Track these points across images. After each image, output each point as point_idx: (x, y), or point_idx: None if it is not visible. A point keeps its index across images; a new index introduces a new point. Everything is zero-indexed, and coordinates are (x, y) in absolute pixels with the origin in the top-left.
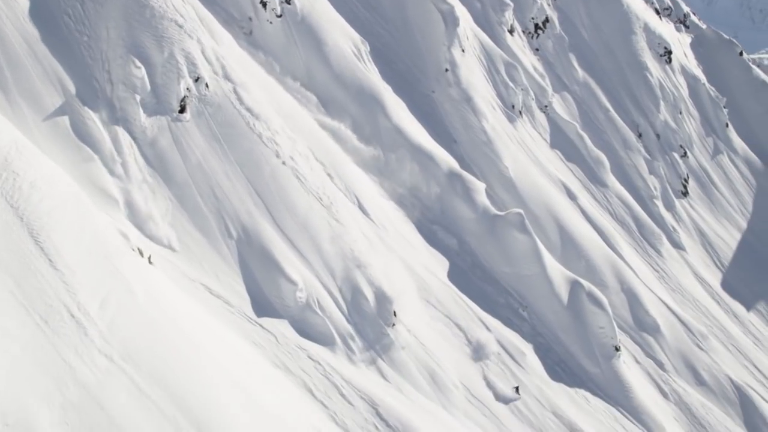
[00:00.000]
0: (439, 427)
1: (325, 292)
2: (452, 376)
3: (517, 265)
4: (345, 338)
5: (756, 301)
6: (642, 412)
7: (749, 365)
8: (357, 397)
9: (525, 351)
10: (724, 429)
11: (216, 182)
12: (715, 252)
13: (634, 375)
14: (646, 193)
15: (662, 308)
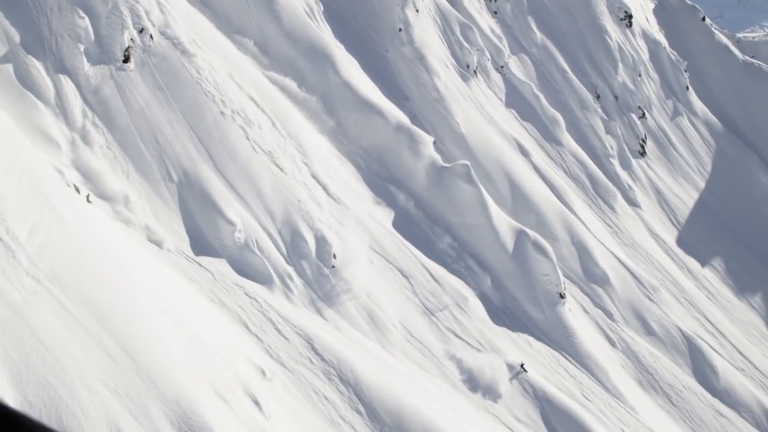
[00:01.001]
0: (376, 363)
1: (264, 234)
2: (392, 317)
3: (463, 215)
4: (283, 278)
5: (712, 257)
6: (586, 357)
7: (701, 317)
8: (293, 333)
9: (468, 296)
10: (671, 377)
11: (158, 128)
12: (672, 210)
13: (580, 323)
14: (602, 152)
15: (613, 261)
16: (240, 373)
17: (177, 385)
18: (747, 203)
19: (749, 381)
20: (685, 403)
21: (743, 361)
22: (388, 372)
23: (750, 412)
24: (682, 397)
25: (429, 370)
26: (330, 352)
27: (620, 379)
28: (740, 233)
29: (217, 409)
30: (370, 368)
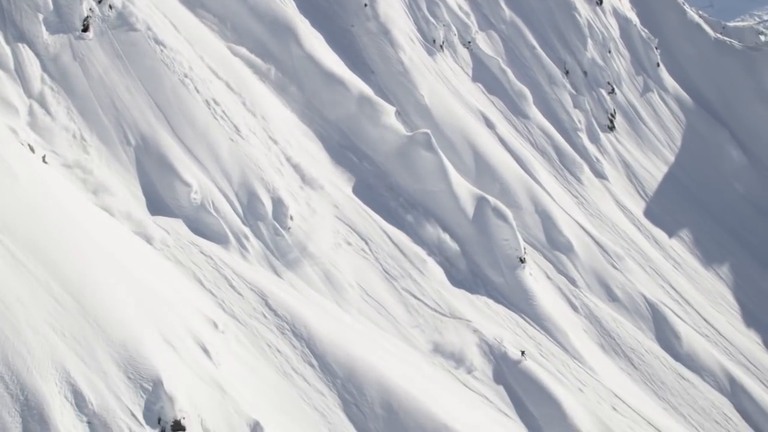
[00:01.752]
0: (331, 320)
1: (220, 195)
2: (348, 278)
3: (423, 182)
4: (239, 237)
5: (679, 228)
6: (545, 320)
7: (666, 285)
8: (247, 289)
9: (426, 259)
10: (634, 341)
11: (117, 95)
12: (640, 182)
13: (541, 287)
14: (570, 125)
15: (578, 230)
16: (191, 323)
17: (124, 330)
18: (717, 177)
19: (713, 347)
20: (647, 367)
21: (707, 328)
22: (343, 328)
23: (713, 377)
24: (644, 360)
25: (385, 329)
26: (284, 308)
27: (580, 342)
28: (709, 206)
29: (164, 354)
30: (324, 324)
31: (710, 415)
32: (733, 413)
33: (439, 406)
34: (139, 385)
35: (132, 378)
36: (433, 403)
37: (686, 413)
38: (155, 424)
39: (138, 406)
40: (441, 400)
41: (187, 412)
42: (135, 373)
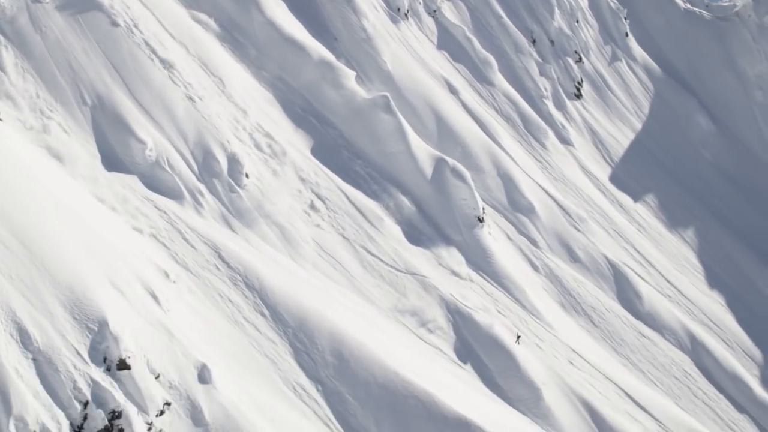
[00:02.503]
0: (284, 273)
1: (176, 153)
2: (304, 234)
3: (382, 144)
4: (194, 193)
5: (645, 194)
6: (503, 277)
7: (629, 247)
8: (200, 242)
9: (383, 217)
10: (594, 300)
11: (73, 57)
12: (606, 149)
13: (501, 247)
14: (535, 93)
15: (540, 193)
16: (141, 272)
17: (72, 274)
18: (684, 145)
19: (675, 307)
20: (607, 324)
21: (670, 288)
22: (296, 281)
23: (674, 335)
24: (605, 318)
25: (341, 284)
26: (237, 261)
27: (539, 299)
28: (676, 173)
29: (111, 298)
30: (277, 277)
31: (670, 372)
32: (693, 370)
33: (391, 355)
34: (85, 326)
35: (78, 319)
36: (385, 353)
37: (646, 369)
38: (101, 362)
39: (83, 345)
40: (394, 350)
41: (133, 352)
42: (81, 314)
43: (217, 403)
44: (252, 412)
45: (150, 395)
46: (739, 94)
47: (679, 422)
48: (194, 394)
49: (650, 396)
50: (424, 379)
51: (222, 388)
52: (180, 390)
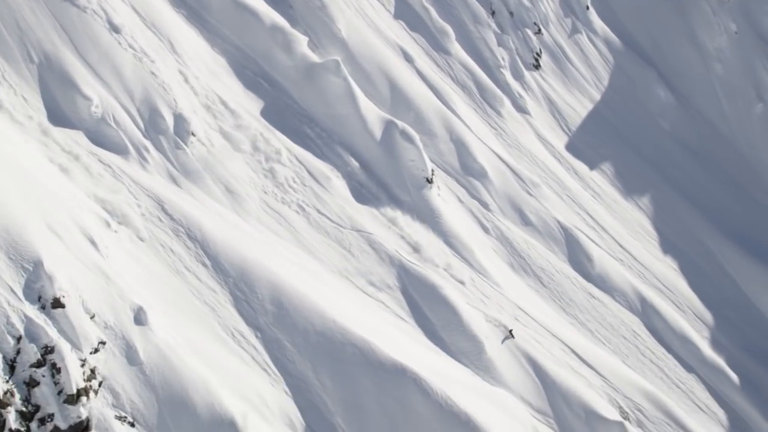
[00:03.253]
0: (227, 225)
1: (122, 110)
2: (249, 191)
3: (332, 107)
4: (139, 149)
5: (601, 162)
6: (451, 237)
7: (582, 213)
8: (144, 195)
9: (331, 177)
10: (545, 262)
11: (21, 16)
12: (563, 118)
13: (451, 208)
14: (493, 63)
15: (493, 158)
16: (81, 219)
17: (7, 216)
18: (643, 115)
19: (627, 270)
20: (556, 285)
21: (622, 253)
22: (239, 234)
23: (624, 297)
24: (554, 279)
25: (285, 238)
26: (180, 213)
27: (487, 259)
28: (634, 142)
29: (48, 241)
30: (219, 229)
31: (618, 331)
32: (642, 331)
33: (331, 305)
34: (20, 266)
35: (13, 259)
36: (325, 303)
37: (594, 329)
38: (35, 300)
39: (18, 284)
40: (335, 301)
41: (67, 291)
42: (16, 254)
43: (152, 344)
44: (188, 354)
45: (84, 333)
46: (699, 67)
47: (625, 379)
48: (129, 335)
49: (596, 353)
50: (363, 328)
51: (158, 330)
52: (115, 330)
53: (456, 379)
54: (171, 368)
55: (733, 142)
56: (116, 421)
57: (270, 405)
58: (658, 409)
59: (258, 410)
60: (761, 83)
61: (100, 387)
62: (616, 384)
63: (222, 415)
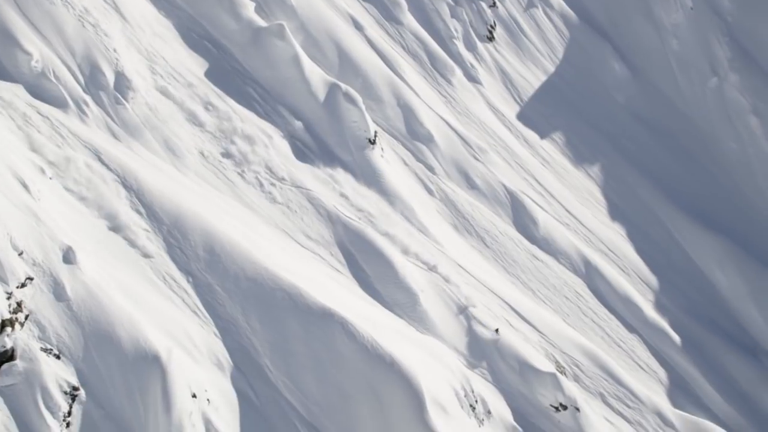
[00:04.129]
0: (163, 177)
1: (62, 66)
2: (189, 146)
3: (276, 70)
4: (79, 103)
5: (552, 131)
6: (392, 195)
7: (530, 178)
8: (81, 146)
9: (273, 135)
10: (488, 224)
11: None
12: (516, 89)
13: (393, 169)
14: (446, 33)
15: (440, 123)
16: (14, 164)
17: None
18: (597, 88)
19: (573, 234)
20: (499, 246)
21: (569, 217)
22: (175, 184)
23: (568, 259)
24: (497, 241)
25: (223, 192)
26: (116, 163)
27: (429, 218)
28: (587, 114)
29: None
30: (155, 179)
31: (560, 292)
32: (585, 292)
33: (263, 253)
34: None
35: None
36: (257, 252)
37: (535, 288)
38: None
39: None
40: (267, 250)
41: None
42: None
43: (80, 282)
44: (116, 293)
45: (11, 268)
46: (655, 42)
47: (564, 336)
48: (57, 273)
49: (536, 311)
50: (294, 275)
51: (87, 270)
52: (43, 268)
53: (385, 325)
54: (98, 305)
55: (688, 115)
56: (42, 353)
57: (198, 345)
58: (595, 365)
59: (185, 349)
60: (715, 58)
61: (26, 320)
62: (554, 340)
63: (147, 350)
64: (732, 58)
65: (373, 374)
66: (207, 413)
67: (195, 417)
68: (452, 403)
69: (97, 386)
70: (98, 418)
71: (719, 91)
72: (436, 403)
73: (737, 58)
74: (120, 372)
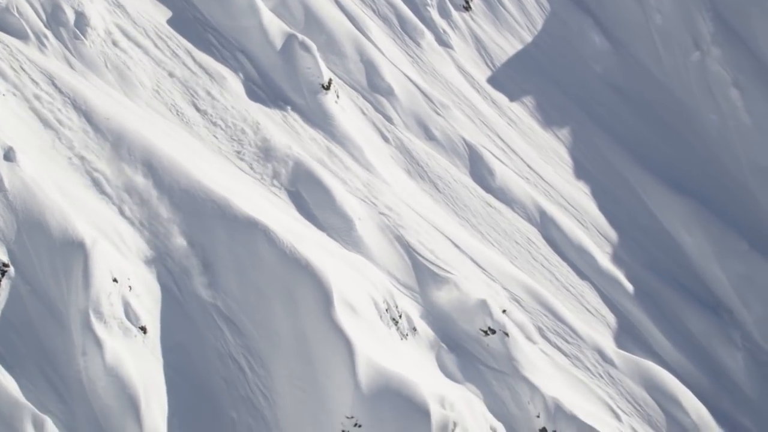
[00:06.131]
0: (114, 102)
1: (25, 2)
2: (143, 79)
3: (236, 19)
4: (39, 36)
5: (523, 95)
6: (343, 138)
7: (493, 135)
8: (37, 72)
9: (227, 76)
10: (443, 171)
11: None
12: (489, 56)
13: (348, 117)
14: (420, 1)
15: (404, 80)
16: None
17: None
18: (574, 58)
19: (532, 187)
20: (451, 191)
21: (530, 173)
22: (122, 110)
23: (523, 209)
24: (450, 187)
25: (171, 120)
26: (68, 88)
27: (379, 161)
28: (561, 81)
29: None
30: (105, 103)
31: (511, 237)
32: (538, 239)
33: (198, 170)
34: None
35: None
36: (194, 169)
37: (485, 231)
38: None
39: None
40: (204, 168)
41: None
42: None
43: (18, 178)
44: (53, 191)
45: None
46: (638, 17)
47: (507, 273)
48: None
49: (481, 249)
50: (226, 190)
51: (25, 168)
52: None
53: (309, 238)
54: (33, 198)
55: (667, 86)
56: None
57: (127, 242)
58: (536, 302)
59: (114, 243)
60: (698, 32)
61: None
62: (496, 276)
63: (73, 237)
64: (715, 32)
65: (289, 276)
66: (127, 297)
67: (114, 298)
68: (367, 310)
69: (26, 266)
70: (25, 292)
71: (701, 64)
72: (346, 303)
73: (720, 33)
74: (48, 255)
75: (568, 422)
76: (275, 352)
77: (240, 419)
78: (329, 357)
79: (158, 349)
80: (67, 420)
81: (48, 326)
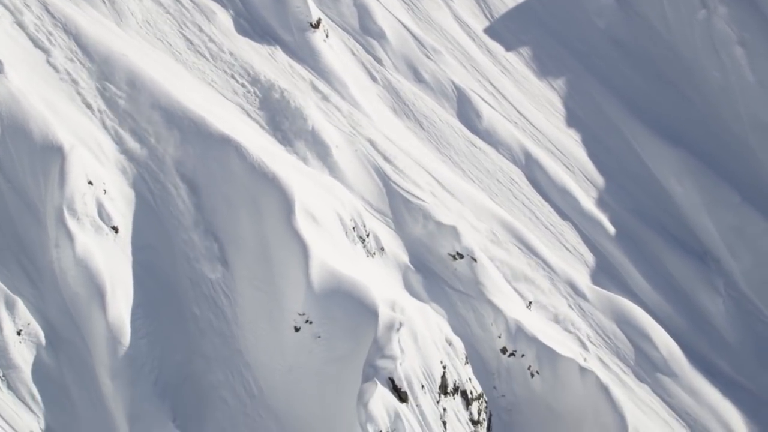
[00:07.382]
0: (103, 28)
1: None
2: (134, 9)
3: None
4: None
5: (520, 46)
6: (328, 74)
7: (484, 81)
8: None
9: (216, 12)
10: (429, 111)
11: None
12: (488, 7)
13: (336, 54)
14: None
15: (396, 24)
16: None
17: None
18: (577, 13)
19: (520, 132)
20: (436, 130)
21: (519, 118)
22: (111, 35)
23: (509, 150)
24: (435, 126)
25: (158, 48)
26: (61, 14)
27: (364, 98)
28: (561, 34)
29: None
30: (93, 29)
31: (494, 176)
32: (521, 180)
33: (180, 93)
34: None
35: None
36: (175, 90)
37: (467, 168)
38: None
39: None
40: (184, 90)
41: None
42: None
43: (5, 87)
44: (38, 102)
45: None
46: None
47: (486, 209)
48: None
49: (461, 185)
50: (203, 110)
51: (13, 80)
52: None
53: (281, 157)
54: (18, 106)
55: (671, 43)
56: None
57: (106, 152)
58: (513, 236)
59: (92, 151)
60: None
61: None
62: (473, 210)
63: (53, 142)
64: None
65: (255, 187)
66: (101, 199)
67: (88, 198)
68: (331, 224)
69: (7, 165)
70: (6, 189)
71: (707, 22)
72: (308, 213)
73: None
74: (28, 157)
75: (529, 343)
76: (238, 256)
77: (202, 315)
78: (286, 259)
79: (128, 248)
80: (38, 303)
81: (25, 220)
